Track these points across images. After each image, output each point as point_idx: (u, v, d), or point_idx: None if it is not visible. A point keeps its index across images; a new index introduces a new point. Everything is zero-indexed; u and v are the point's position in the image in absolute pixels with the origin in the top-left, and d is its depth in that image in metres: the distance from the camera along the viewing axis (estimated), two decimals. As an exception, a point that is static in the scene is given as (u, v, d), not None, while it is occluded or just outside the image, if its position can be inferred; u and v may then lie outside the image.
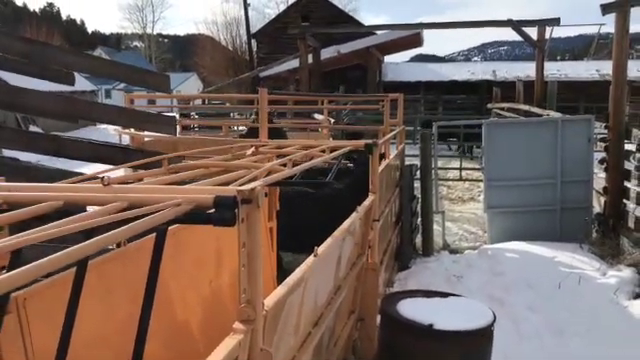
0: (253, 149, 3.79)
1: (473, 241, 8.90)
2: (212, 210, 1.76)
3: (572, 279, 5.92)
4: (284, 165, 2.96)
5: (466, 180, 13.88)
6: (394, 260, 7.17)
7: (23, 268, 1.18)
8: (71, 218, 1.59)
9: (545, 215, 8.05)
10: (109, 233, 1.46)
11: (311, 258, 2.71)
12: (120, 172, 3.62)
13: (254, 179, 2.45)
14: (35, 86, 4.23)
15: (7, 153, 7.06)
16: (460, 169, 14.09)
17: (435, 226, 8.48)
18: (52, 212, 1.77)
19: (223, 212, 1.73)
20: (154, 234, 2.82)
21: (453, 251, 8.10)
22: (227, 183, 2.39)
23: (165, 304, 3.07)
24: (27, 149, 4.20)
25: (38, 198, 1.81)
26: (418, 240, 8.43)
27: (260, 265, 1.85)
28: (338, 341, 4.07)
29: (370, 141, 4.63)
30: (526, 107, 14.26)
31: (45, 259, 1.24)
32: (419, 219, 8.41)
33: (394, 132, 7.51)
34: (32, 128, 18.29)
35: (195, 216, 1.78)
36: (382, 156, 5.89)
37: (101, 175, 1.96)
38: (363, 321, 4.73)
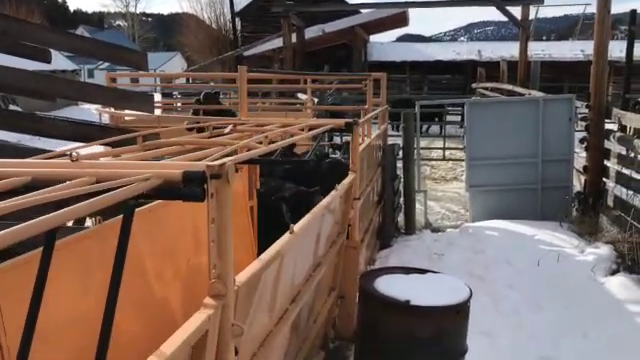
0: (231, 127, 3.76)
1: (455, 220, 8.97)
2: (181, 185, 1.75)
3: (551, 256, 6.00)
4: (260, 143, 2.95)
5: (449, 160, 13.95)
6: (376, 238, 7.21)
7: None
8: (37, 192, 1.57)
9: (526, 194, 8.12)
10: (75, 206, 1.45)
11: (287, 235, 2.71)
12: (100, 150, 3.59)
13: (228, 156, 2.43)
14: (15, 64, 4.17)
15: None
16: (444, 149, 14.15)
17: (417, 205, 8.53)
18: (20, 187, 1.75)
19: (192, 187, 1.72)
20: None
21: (435, 230, 8.16)
22: (201, 160, 2.38)
23: (141, 281, 3.07)
24: (3, 127, 4.14)
25: (6, 173, 1.78)
26: (401, 219, 8.47)
27: (230, 241, 1.85)
28: (318, 318, 4.10)
29: (350, 120, 4.63)
30: (509, 87, 14.32)
31: (10, 229, 1.23)
32: (401, 198, 8.45)
33: (375, 112, 7.50)
34: (12, 108, 18.02)
35: (164, 191, 1.77)
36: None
37: (70, 151, 1.93)
38: (343, 298, 4.77)
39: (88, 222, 4.70)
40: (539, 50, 29.46)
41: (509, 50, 27.52)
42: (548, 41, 41.11)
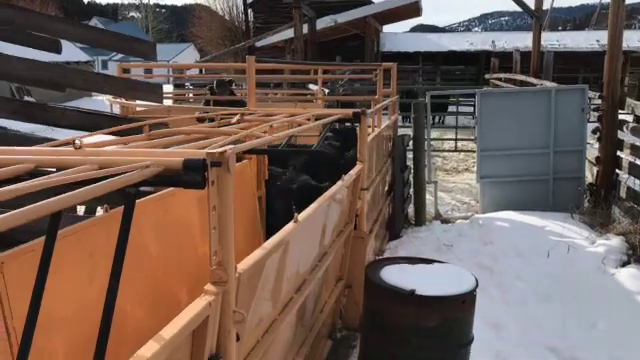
0: (239, 117, 3.78)
1: (465, 211, 8.93)
2: (182, 173, 1.76)
3: (561, 248, 5.97)
4: (265, 132, 2.96)
5: (461, 151, 13.88)
6: (385, 229, 7.21)
7: None
8: (39, 178, 1.60)
9: (537, 185, 8.06)
10: (76, 191, 1.47)
11: (291, 224, 2.72)
12: (107, 139, 3.62)
13: (232, 144, 2.44)
14: (30, 57, 4.20)
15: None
16: (455, 140, 14.07)
17: (428, 196, 8.50)
18: (23, 174, 1.78)
19: (192, 175, 1.74)
20: (142, 199, 2.84)
21: (445, 221, 8.13)
22: (204, 148, 2.39)
23: (149, 269, 3.10)
24: (14, 117, 4.19)
25: (10, 161, 1.81)
26: (411, 210, 8.46)
27: (231, 228, 1.86)
28: (325, 307, 4.12)
29: (358, 110, 4.62)
30: (522, 77, 14.19)
31: (16, 211, 1.26)
32: (412, 189, 8.43)
33: (385, 102, 7.47)
34: (27, 99, 18.18)
35: (165, 179, 1.79)
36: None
37: (73, 139, 1.96)
38: (350, 288, 4.79)
39: (100, 212, 4.76)
40: (554, 40, 29.14)
41: (524, 40, 27.21)
42: (564, 31, 40.63)
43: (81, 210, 5.24)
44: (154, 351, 1.43)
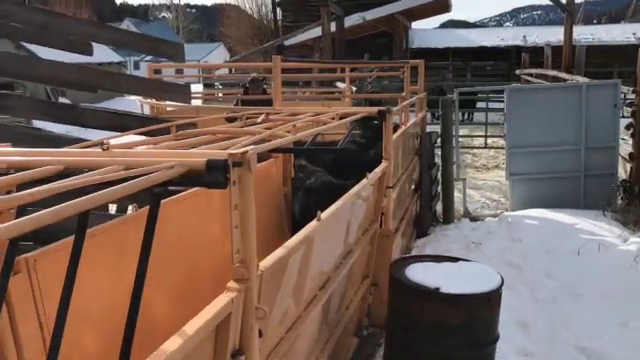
0: (264, 116, 3.83)
1: (495, 209, 8.85)
2: (205, 173, 1.81)
3: (592, 245, 5.87)
4: (288, 131, 3.00)
5: (491, 148, 13.72)
6: (413, 227, 7.19)
7: (25, 217, 1.25)
8: (68, 179, 1.66)
9: (568, 182, 7.94)
10: (103, 191, 1.53)
11: (314, 222, 2.76)
12: (135, 140, 3.71)
13: (255, 144, 2.49)
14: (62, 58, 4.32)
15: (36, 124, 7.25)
16: (485, 136, 13.92)
17: (456, 194, 8.45)
18: (53, 175, 1.85)
19: (215, 175, 1.78)
20: (168, 199, 2.90)
21: (474, 219, 8.07)
22: (227, 148, 2.44)
23: (177, 267, 3.17)
24: (47, 118, 4.32)
25: (41, 162, 1.88)
26: (439, 208, 8.42)
27: (253, 226, 1.90)
28: (350, 304, 4.15)
29: (383, 108, 4.63)
30: (554, 73, 13.96)
31: (46, 210, 1.31)
32: (440, 187, 8.38)
33: (412, 99, 7.45)
34: (61, 100, 18.64)
35: (188, 179, 1.84)
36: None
37: (102, 140, 2.02)
38: (377, 286, 4.80)
39: (130, 211, 4.87)
40: (588, 34, 28.55)
41: (556, 35, 26.66)
42: (599, 24, 39.73)
43: (113, 209, 5.37)
44: (178, 345, 1.48)
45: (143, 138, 3.17)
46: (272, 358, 2.40)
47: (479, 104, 17.50)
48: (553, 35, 27.39)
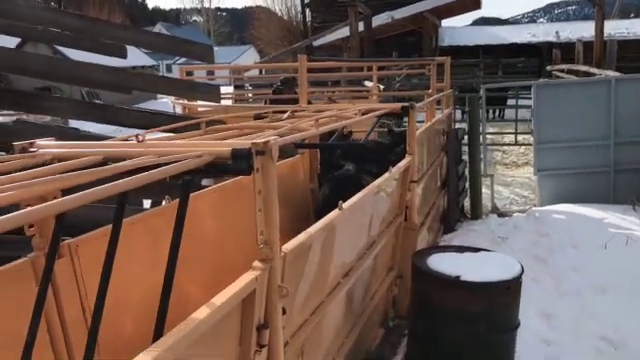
0: (289, 113, 3.98)
1: (523, 205, 8.85)
2: (230, 162, 1.97)
3: (619, 239, 5.86)
4: (311, 126, 3.14)
5: (521, 145, 13.64)
6: (440, 223, 7.26)
7: (70, 196, 1.42)
8: (106, 166, 1.83)
9: (597, 177, 7.89)
10: (139, 174, 1.69)
11: (336, 211, 2.89)
12: (167, 135, 3.89)
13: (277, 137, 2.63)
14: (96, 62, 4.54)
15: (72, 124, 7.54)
16: (515, 133, 13.85)
17: (484, 190, 8.47)
18: (93, 164, 2.03)
19: (239, 163, 1.94)
20: (198, 192, 3.08)
21: (502, 214, 8.09)
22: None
23: (207, 254, 3.34)
24: (84, 118, 4.55)
25: (82, 154, 2.07)
26: (467, 204, 8.46)
27: (275, 210, 2.05)
28: (375, 295, 4.27)
29: (406, 104, 4.73)
30: (585, 68, 13.81)
31: (89, 190, 1.48)
32: (468, 183, 8.42)
33: (436, 96, 7.51)
34: (96, 102, 19.18)
35: (215, 167, 2.00)
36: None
37: (136, 134, 2.20)
38: (402, 278, 4.91)
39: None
40: (623, 28, 27.96)
41: (590, 30, 26.12)
42: (635, 18, 38.82)
43: (147, 204, 5.60)
44: (207, 314, 1.63)
45: (174, 134, 3.35)
46: (296, 339, 2.54)
47: (510, 101, 17.39)
48: (587, 30, 26.91)
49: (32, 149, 2.19)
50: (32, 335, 1.97)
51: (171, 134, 3.56)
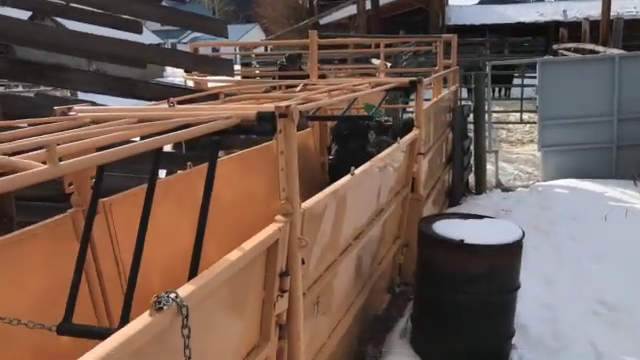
0: (301, 86, 4.15)
1: (527, 180, 9.02)
2: (256, 124, 2.16)
3: (619, 212, 6.05)
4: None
5: (527, 123, 13.75)
6: (445, 197, 7.45)
7: (108, 150, 1.61)
8: (141, 124, 2.02)
9: (600, 153, 8.05)
10: (172, 133, 1.88)
11: (348, 176, 3.09)
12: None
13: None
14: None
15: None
16: (521, 112, 13.95)
17: (489, 166, 8.64)
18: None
19: (264, 124, 2.13)
20: (221, 159, 3.28)
21: (506, 189, 8.28)
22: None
23: (229, 219, 3.54)
24: (104, 90, 4.72)
25: (119, 116, 2.26)
26: (472, 179, 8.63)
27: (296, 170, 2.24)
28: (383, 261, 4.48)
29: (414, 78, 4.89)
30: (591, 46, 13.86)
31: (126, 145, 1.68)
32: (472, 158, 8.59)
33: (443, 72, 7.65)
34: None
35: (242, 128, 2.19)
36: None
37: (168, 99, 2.39)
38: (408, 247, 5.12)
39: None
40: (631, 7, 27.75)
41: (597, 9, 25.97)
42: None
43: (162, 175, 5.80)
44: (237, 256, 1.83)
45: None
46: (312, 291, 2.75)
47: (516, 81, 17.43)
48: (594, 9, 26.68)
49: (71, 113, 2.39)
50: (75, 285, 2.19)
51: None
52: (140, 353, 1.37)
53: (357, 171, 3.21)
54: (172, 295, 1.47)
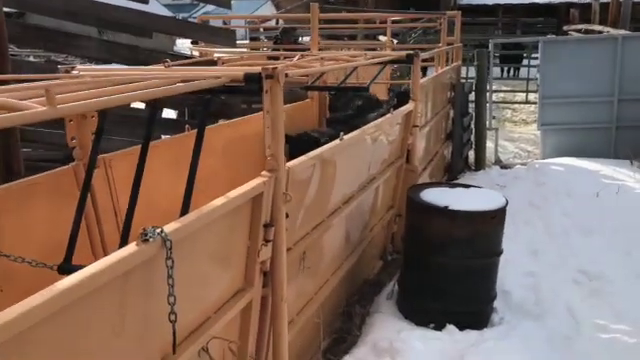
0: (299, 56, 4.28)
1: (526, 158, 9.13)
2: (244, 84, 2.32)
3: (611, 188, 6.17)
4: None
5: (532, 103, 13.76)
6: (444, 172, 7.59)
7: (106, 97, 1.78)
8: (139, 82, 2.19)
9: (600, 133, 8.14)
10: (166, 87, 2.05)
11: (337, 141, 3.24)
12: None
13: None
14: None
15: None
16: (527, 92, 13.96)
17: (488, 143, 8.76)
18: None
19: (251, 84, 2.30)
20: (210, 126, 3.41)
21: (504, 167, 8.40)
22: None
23: (221, 179, 3.71)
24: (111, 57, 4.89)
25: (119, 74, 2.42)
26: (472, 156, 8.76)
27: (281, 128, 2.41)
28: (374, 228, 4.65)
29: (411, 52, 5.01)
30: (600, 28, 13.80)
31: (126, 94, 1.84)
32: (472, 135, 8.70)
33: (444, 47, 7.73)
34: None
35: (231, 88, 2.35)
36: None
37: (164, 61, 2.55)
38: (401, 216, 5.28)
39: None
40: (644, -12, 27.38)
41: (610, -10, 25.79)
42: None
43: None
44: (223, 202, 2.01)
45: (195, 68, 3.70)
46: (298, 247, 2.93)
47: (526, 61, 17.34)
48: (608, -11, 26.42)
49: (74, 72, 2.56)
50: (75, 229, 2.38)
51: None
52: (130, 275, 1.56)
53: (346, 137, 3.36)
54: (158, 230, 1.65)
